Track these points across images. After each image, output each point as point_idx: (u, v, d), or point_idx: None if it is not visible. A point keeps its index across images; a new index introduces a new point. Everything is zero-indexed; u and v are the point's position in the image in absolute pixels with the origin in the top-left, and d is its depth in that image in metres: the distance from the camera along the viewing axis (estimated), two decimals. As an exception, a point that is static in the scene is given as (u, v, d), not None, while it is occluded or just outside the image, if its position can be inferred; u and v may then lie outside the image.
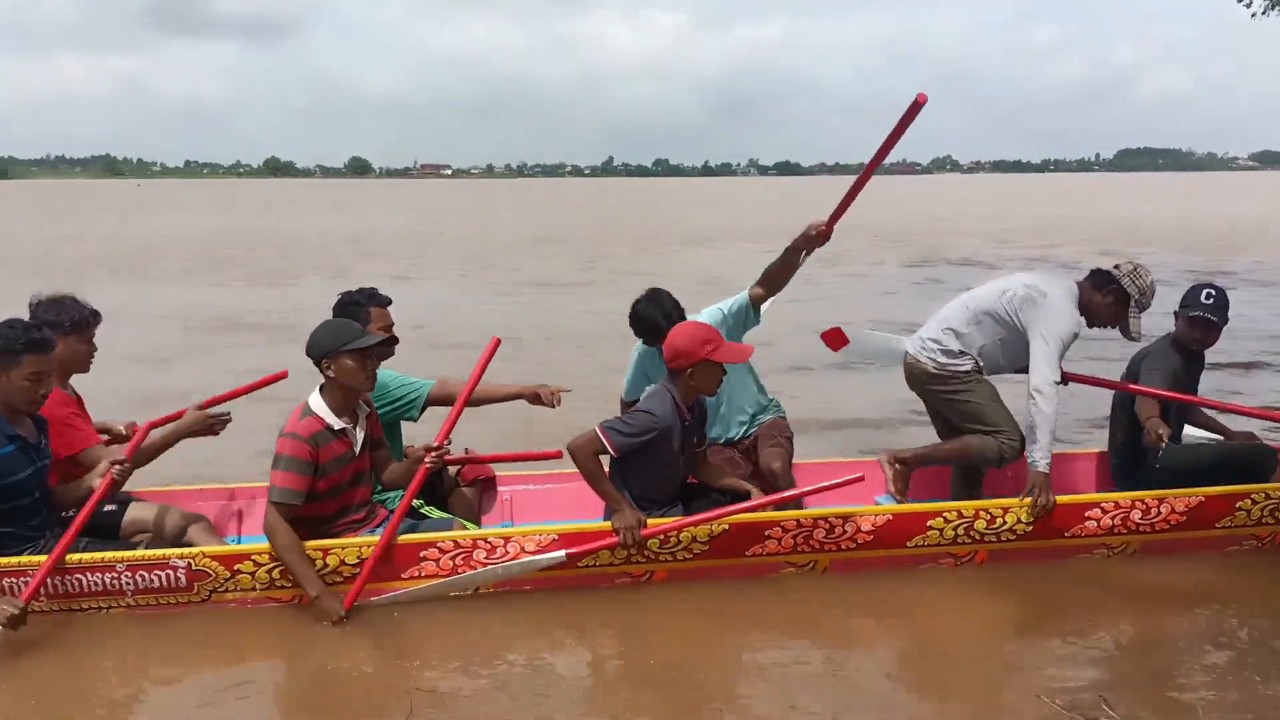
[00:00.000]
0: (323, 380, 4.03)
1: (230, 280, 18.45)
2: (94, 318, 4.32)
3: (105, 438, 4.42)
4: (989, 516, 4.36)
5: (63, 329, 4.14)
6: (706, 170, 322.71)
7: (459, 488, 4.77)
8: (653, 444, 4.12)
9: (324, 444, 3.96)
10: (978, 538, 4.38)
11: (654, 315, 4.54)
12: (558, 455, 4.51)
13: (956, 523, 4.35)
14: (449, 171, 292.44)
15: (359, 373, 3.99)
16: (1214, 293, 4.74)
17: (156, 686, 3.64)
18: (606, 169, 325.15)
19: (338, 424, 4.00)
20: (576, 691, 3.55)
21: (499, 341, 4.38)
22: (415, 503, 4.39)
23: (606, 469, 4.22)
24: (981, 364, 4.69)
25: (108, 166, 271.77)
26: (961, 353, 4.67)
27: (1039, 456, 4.39)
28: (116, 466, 3.94)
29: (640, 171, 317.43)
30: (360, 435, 4.10)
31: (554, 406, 4.50)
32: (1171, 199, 60.18)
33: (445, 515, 4.45)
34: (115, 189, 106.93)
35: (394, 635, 3.91)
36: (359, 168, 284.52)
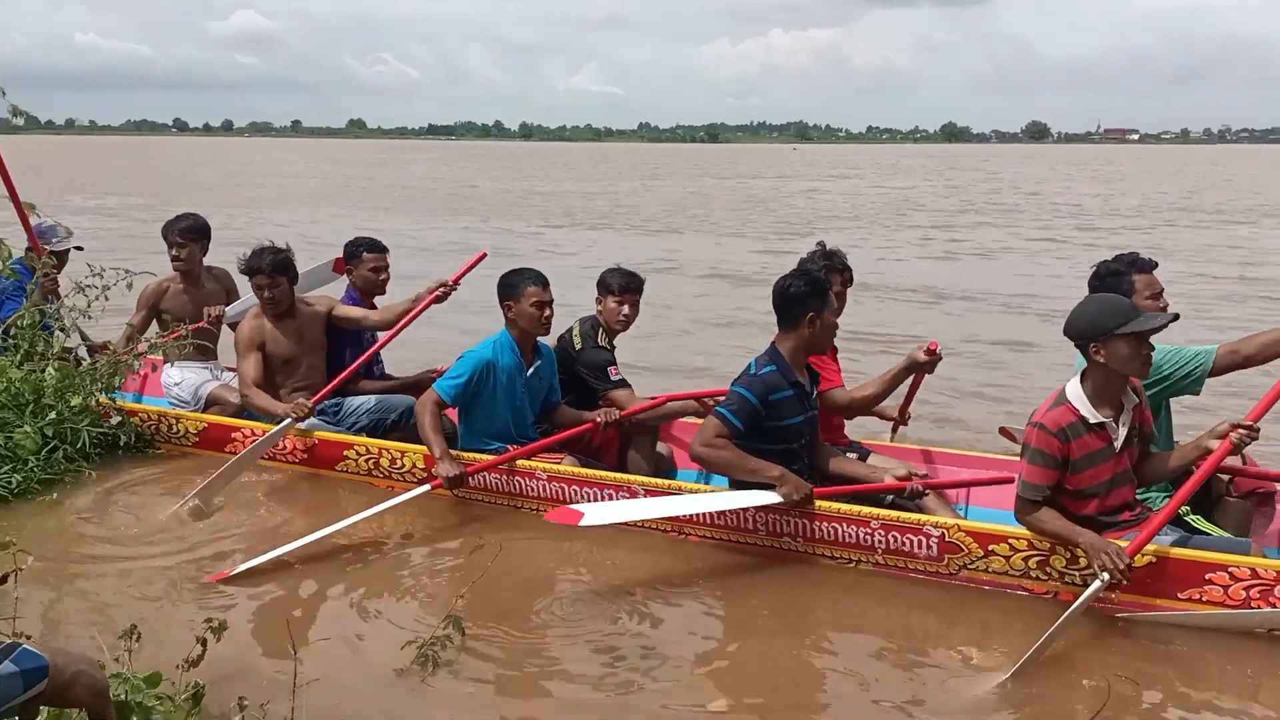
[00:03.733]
0: (1085, 365, 3.60)
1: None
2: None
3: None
4: None
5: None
6: None
7: (1227, 497, 4.04)
8: None
9: (1076, 438, 3.55)
10: None
11: None
12: None
13: None
14: (1135, 137, 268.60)
15: (1134, 359, 3.49)
16: None
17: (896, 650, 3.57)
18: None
19: (1095, 417, 3.55)
20: None
21: None
22: (1181, 509, 3.76)
23: None
24: None
25: (799, 132, 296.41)
26: None
27: None
28: None
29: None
30: (1124, 429, 3.60)
31: None
32: None
33: (1228, 535, 3.77)
34: (779, 153, 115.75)
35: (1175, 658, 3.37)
36: (1036, 132, 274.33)
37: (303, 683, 2.84)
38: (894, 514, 3.94)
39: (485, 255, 5.32)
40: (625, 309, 4.93)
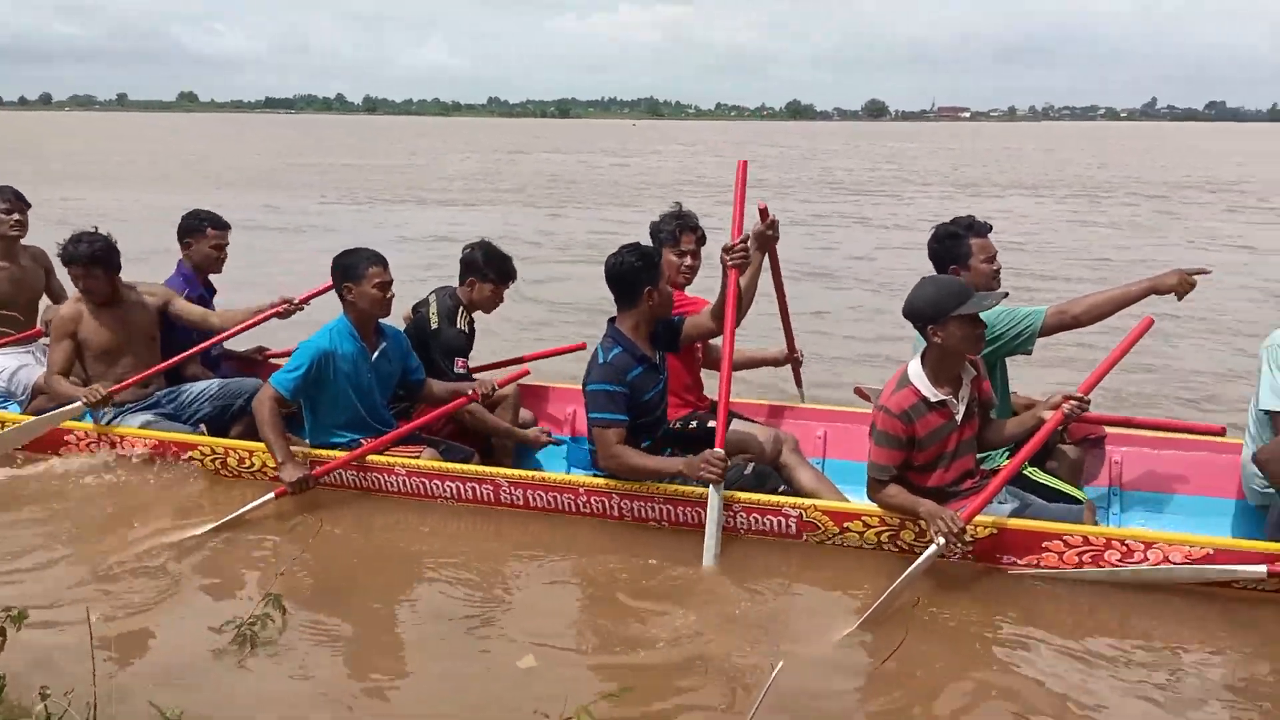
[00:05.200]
0: (924, 345, 3.77)
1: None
2: None
3: None
4: None
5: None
6: (1274, 114, 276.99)
7: (1061, 445, 4.31)
8: None
9: (919, 418, 3.71)
10: None
11: None
12: (1220, 431, 4.21)
13: None
14: (967, 115, 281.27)
15: (969, 338, 3.67)
16: None
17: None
18: (1148, 112, 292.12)
19: (935, 396, 3.72)
20: None
21: (1152, 322, 3.85)
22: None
23: None
24: None
25: (650, 108, 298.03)
26: None
27: None
28: None
29: (1189, 115, 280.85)
30: (964, 404, 3.79)
31: None
32: None
33: (1061, 485, 4.03)
34: (617, 128, 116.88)
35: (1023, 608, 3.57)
36: (876, 110, 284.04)
37: (115, 669, 2.82)
38: (755, 496, 4.03)
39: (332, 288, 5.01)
40: (500, 300, 4.93)
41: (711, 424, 4.14)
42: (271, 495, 4.32)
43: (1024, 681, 3.18)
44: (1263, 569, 3.41)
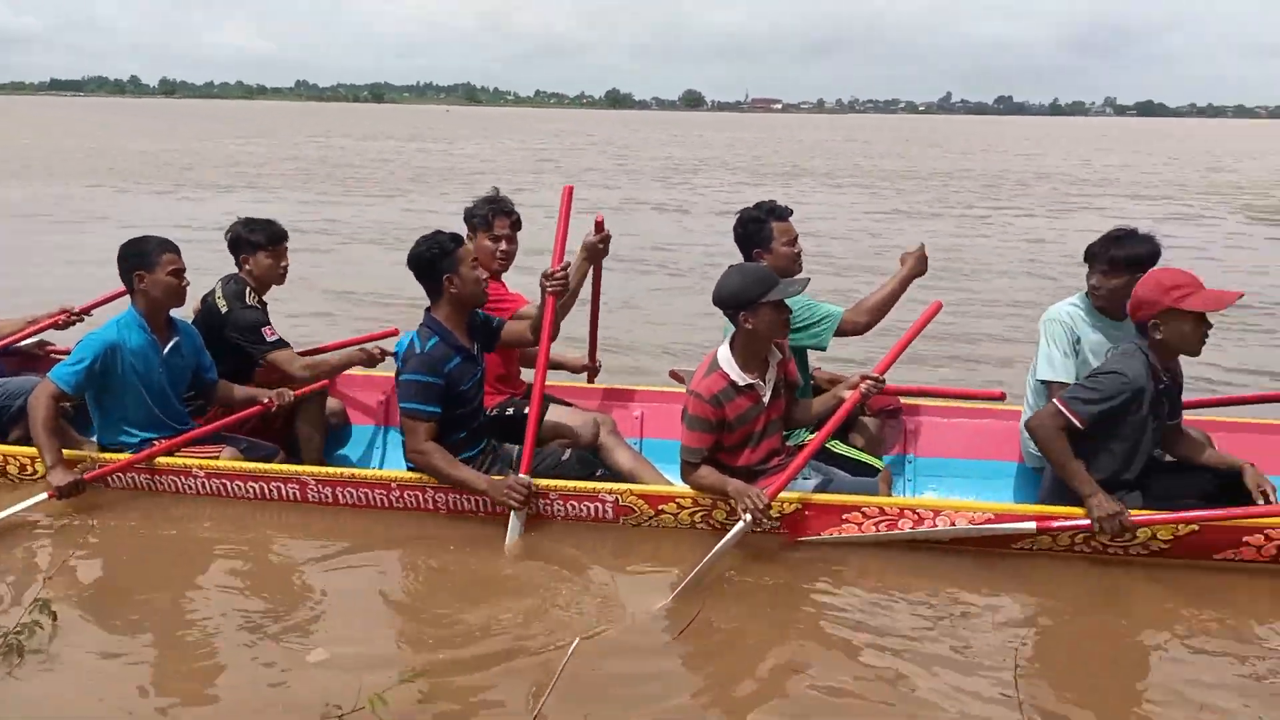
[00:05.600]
0: (733, 330, 3.88)
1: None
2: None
3: None
4: None
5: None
6: (1055, 109, 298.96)
7: (863, 417, 4.54)
8: (1124, 412, 3.68)
9: (728, 401, 3.84)
10: None
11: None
12: (999, 396, 4.49)
13: None
14: (779, 106, 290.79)
15: (777, 323, 3.81)
16: None
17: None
18: (944, 106, 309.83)
19: (744, 380, 3.84)
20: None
21: (940, 306, 4.11)
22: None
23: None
24: None
25: (468, 94, 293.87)
26: None
27: None
28: None
29: (980, 109, 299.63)
30: (770, 386, 3.93)
31: None
32: None
33: (862, 456, 4.25)
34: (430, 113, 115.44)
35: (830, 574, 3.77)
36: (692, 100, 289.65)
37: None
38: (571, 484, 4.05)
39: (116, 297, 4.69)
40: (283, 263, 4.71)
41: (528, 410, 4.15)
42: (43, 496, 4.04)
43: (820, 642, 3.35)
44: (1032, 525, 3.72)
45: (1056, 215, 19.10)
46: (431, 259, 3.99)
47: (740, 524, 3.70)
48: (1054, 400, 3.76)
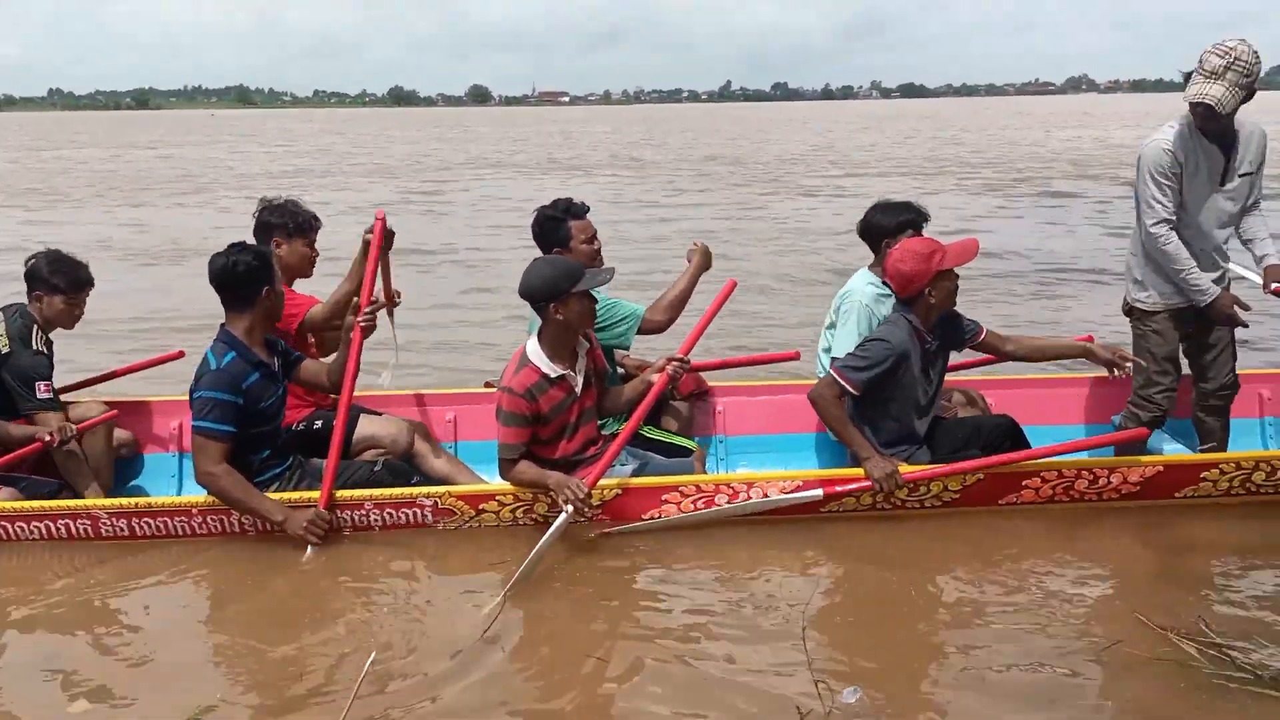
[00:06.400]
0: (540, 324, 3.90)
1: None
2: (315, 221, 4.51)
3: None
4: (1269, 468, 4.02)
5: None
6: (826, 94, 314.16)
7: (673, 401, 4.67)
8: (894, 375, 3.99)
9: (542, 394, 3.86)
10: (1254, 489, 4.06)
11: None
12: (795, 357, 4.76)
13: (1234, 475, 4.03)
14: (566, 99, 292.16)
15: (586, 313, 3.86)
16: None
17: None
18: (724, 94, 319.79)
19: (555, 371, 3.88)
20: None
21: (735, 284, 4.29)
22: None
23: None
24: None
25: (241, 97, 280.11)
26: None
27: None
28: None
29: (758, 96, 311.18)
30: (581, 376, 3.98)
31: None
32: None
33: (675, 438, 4.35)
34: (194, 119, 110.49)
35: (650, 557, 3.86)
36: (479, 96, 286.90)
37: None
38: (387, 491, 3.97)
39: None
40: (78, 310, 4.39)
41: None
42: None
43: (639, 619, 3.44)
44: (819, 492, 3.96)
45: (808, 196, 20.10)
46: (254, 270, 3.83)
47: (563, 515, 3.73)
48: (830, 370, 4.03)
